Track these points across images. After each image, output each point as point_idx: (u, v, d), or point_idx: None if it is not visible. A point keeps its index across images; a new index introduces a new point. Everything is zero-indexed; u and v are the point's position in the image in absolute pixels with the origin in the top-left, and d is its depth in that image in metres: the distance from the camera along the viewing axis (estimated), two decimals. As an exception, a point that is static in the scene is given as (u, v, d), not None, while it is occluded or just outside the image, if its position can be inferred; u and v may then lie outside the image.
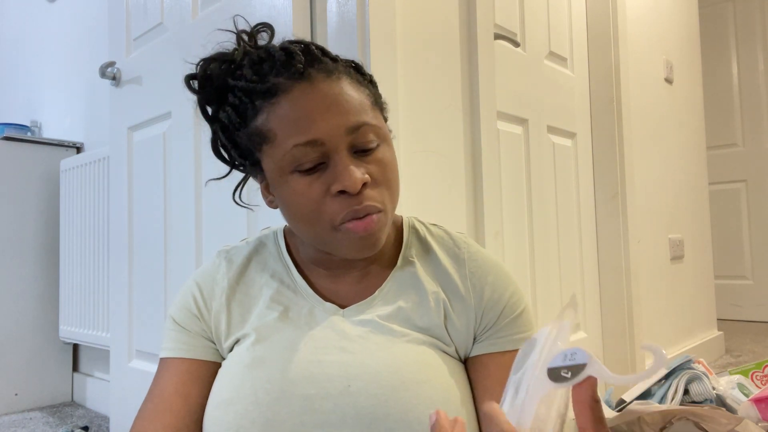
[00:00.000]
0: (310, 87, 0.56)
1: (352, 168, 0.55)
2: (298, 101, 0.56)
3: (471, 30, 1.33)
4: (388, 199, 0.59)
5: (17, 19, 2.73)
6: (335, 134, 0.55)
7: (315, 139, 0.55)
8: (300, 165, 0.56)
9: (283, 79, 0.57)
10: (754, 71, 3.22)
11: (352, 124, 0.56)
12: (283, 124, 0.56)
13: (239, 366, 0.59)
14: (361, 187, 0.55)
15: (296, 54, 0.58)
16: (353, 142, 0.56)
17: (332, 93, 0.56)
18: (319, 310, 0.63)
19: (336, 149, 0.55)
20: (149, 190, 1.53)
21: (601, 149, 1.92)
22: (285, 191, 0.58)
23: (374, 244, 0.58)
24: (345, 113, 0.56)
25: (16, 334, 2.00)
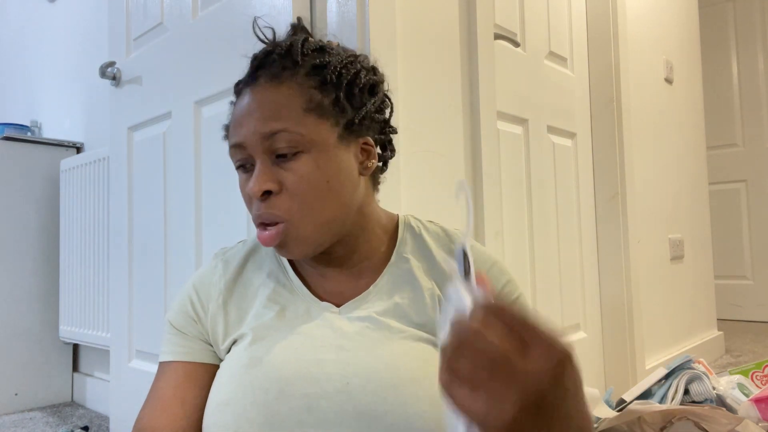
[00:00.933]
0: (251, 91, 0.60)
1: (256, 175, 0.58)
2: (239, 104, 0.61)
3: (471, 30, 1.33)
4: (300, 211, 0.58)
5: (17, 19, 2.73)
6: (253, 139, 0.58)
7: (238, 143, 0.60)
8: (235, 163, 0.62)
9: (244, 80, 0.63)
10: (754, 71, 3.22)
11: (267, 131, 0.58)
12: (230, 124, 0.62)
13: (237, 366, 0.60)
14: (267, 195, 0.58)
15: (257, 58, 0.62)
16: (270, 148, 0.58)
17: (260, 98, 0.59)
18: (316, 309, 0.63)
19: (255, 153, 0.59)
20: (149, 190, 1.53)
21: (601, 149, 1.92)
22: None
23: (285, 254, 0.62)
24: (262, 119, 0.58)
25: (16, 334, 2.00)
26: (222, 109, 1.30)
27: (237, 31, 1.25)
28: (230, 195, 1.27)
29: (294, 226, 0.59)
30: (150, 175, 1.53)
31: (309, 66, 0.60)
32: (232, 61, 1.26)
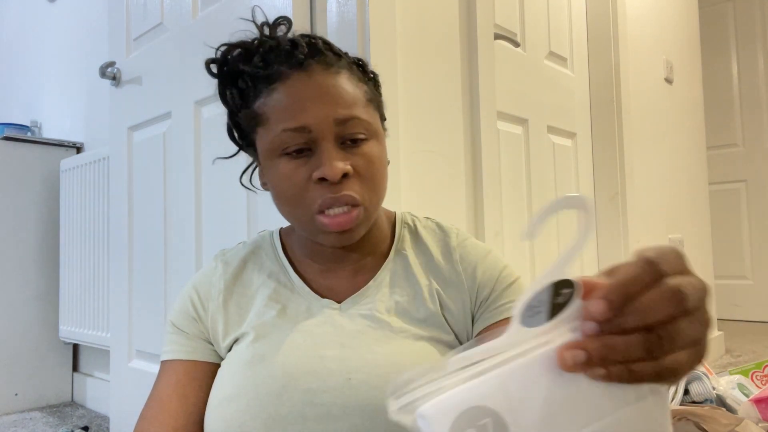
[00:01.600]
0: (306, 76, 0.59)
1: (334, 157, 0.57)
2: (293, 88, 0.58)
3: (471, 30, 1.33)
4: (369, 194, 0.60)
5: (17, 19, 2.73)
6: (323, 123, 0.57)
7: (303, 126, 0.57)
8: (287, 148, 0.58)
9: (284, 67, 0.60)
10: (754, 71, 3.22)
11: (341, 116, 0.57)
12: (276, 108, 0.59)
13: (239, 363, 0.60)
14: (342, 178, 0.57)
15: (300, 45, 0.60)
16: (341, 134, 0.58)
17: (326, 84, 0.59)
18: (317, 307, 0.64)
19: (322, 137, 0.57)
20: (149, 190, 1.53)
21: (601, 149, 1.92)
22: (273, 173, 0.60)
23: (350, 237, 0.60)
24: (335, 104, 0.58)
25: (16, 334, 2.00)
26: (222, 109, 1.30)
27: (237, 31, 1.25)
28: (230, 195, 1.27)
29: (366, 209, 0.59)
30: (150, 175, 1.53)
31: (349, 60, 0.64)
32: (232, 61, 1.26)
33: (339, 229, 0.57)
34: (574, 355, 0.30)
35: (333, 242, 0.60)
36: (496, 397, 0.30)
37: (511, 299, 0.64)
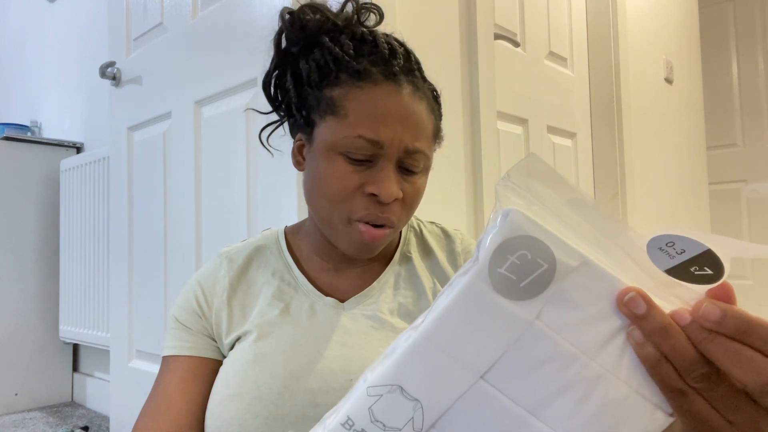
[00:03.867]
0: (396, 91, 0.58)
1: (393, 180, 0.57)
2: (382, 98, 0.58)
3: (471, 30, 1.33)
4: (405, 218, 0.62)
5: (17, 19, 2.73)
6: (396, 145, 0.57)
7: (379, 141, 0.57)
8: (353, 153, 0.57)
9: (376, 70, 0.59)
10: (754, 71, 3.22)
11: (413, 147, 0.58)
12: (359, 110, 0.57)
13: (242, 362, 0.60)
14: (392, 201, 0.58)
15: (398, 55, 0.61)
16: (403, 160, 0.59)
17: (411, 109, 0.59)
18: (320, 306, 0.64)
19: (388, 157, 0.58)
20: (149, 190, 1.53)
21: (601, 149, 1.92)
22: (324, 166, 0.59)
23: (372, 251, 0.61)
24: (412, 133, 0.58)
25: (16, 334, 2.00)
26: (222, 109, 1.30)
27: (237, 31, 1.25)
28: (230, 195, 1.27)
29: (395, 231, 0.61)
30: (150, 175, 1.53)
31: (430, 87, 0.65)
32: (232, 61, 1.26)
33: (371, 240, 0.58)
34: (637, 308, 0.29)
35: (354, 251, 0.60)
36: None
37: None
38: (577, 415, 0.30)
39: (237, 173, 1.24)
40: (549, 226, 0.30)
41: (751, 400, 0.29)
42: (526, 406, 0.31)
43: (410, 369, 0.31)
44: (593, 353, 0.30)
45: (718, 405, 0.29)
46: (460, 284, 0.31)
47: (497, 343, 0.30)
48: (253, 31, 1.20)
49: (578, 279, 0.30)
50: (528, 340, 0.30)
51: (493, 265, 0.30)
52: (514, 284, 0.30)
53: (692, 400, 0.29)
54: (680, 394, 0.29)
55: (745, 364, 0.27)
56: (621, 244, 0.31)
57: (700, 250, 0.30)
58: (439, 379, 0.31)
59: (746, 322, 0.28)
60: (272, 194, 1.17)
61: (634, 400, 0.30)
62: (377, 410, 0.31)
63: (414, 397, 0.31)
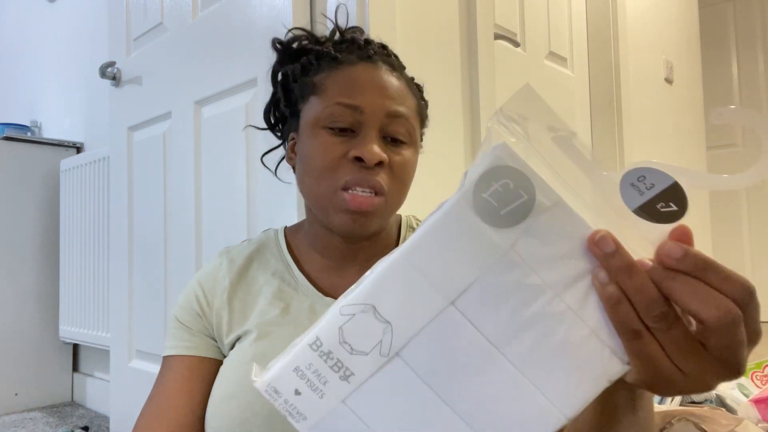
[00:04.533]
0: (371, 68, 0.62)
1: (375, 143, 0.58)
2: (357, 72, 0.62)
3: (471, 30, 1.33)
4: (395, 189, 0.61)
5: (17, 19, 2.73)
6: (375, 111, 0.59)
7: (357, 105, 0.59)
8: (334, 122, 0.59)
9: (353, 56, 0.63)
10: (754, 71, 3.22)
11: (393, 110, 0.60)
12: (336, 83, 0.61)
13: (242, 361, 0.60)
14: (376, 165, 0.58)
15: (372, 43, 0.66)
16: (386, 127, 0.60)
17: (389, 80, 0.62)
18: (320, 305, 0.64)
19: (369, 123, 0.59)
20: (149, 190, 1.53)
21: (601, 149, 1.92)
22: (310, 143, 0.61)
23: (364, 224, 0.59)
24: (391, 99, 0.60)
25: (16, 334, 2.00)
26: (222, 109, 1.30)
27: (237, 31, 1.25)
28: (230, 195, 1.27)
29: (386, 202, 0.60)
30: (150, 175, 1.53)
31: (410, 76, 0.68)
32: (232, 61, 1.26)
33: (357, 208, 0.57)
34: (606, 246, 0.30)
35: (346, 225, 0.59)
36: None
37: None
38: (537, 351, 0.31)
39: (237, 173, 1.24)
40: (533, 165, 0.32)
41: (703, 348, 0.30)
42: (492, 338, 0.32)
43: (386, 288, 0.32)
44: (560, 290, 0.32)
45: (671, 349, 0.31)
46: (444, 205, 0.33)
47: (471, 267, 0.32)
48: (253, 31, 1.20)
49: (552, 217, 0.32)
50: (501, 268, 0.31)
51: (477, 190, 0.31)
52: (494, 210, 0.31)
53: (647, 342, 0.31)
54: (637, 335, 0.31)
55: (703, 299, 0.29)
56: (597, 181, 0.33)
57: (667, 184, 0.32)
58: (412, 302, 0.32)
59: (704, 260, 0.29)
60: (272, 194, 1.17)
61: (593, 343, 0.31)
62: (347, 330, 0.32)
63: (385, 318, 0.32)
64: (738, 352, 0.30)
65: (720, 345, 0.29)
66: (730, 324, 0.29)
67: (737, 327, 0.29)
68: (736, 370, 0.30)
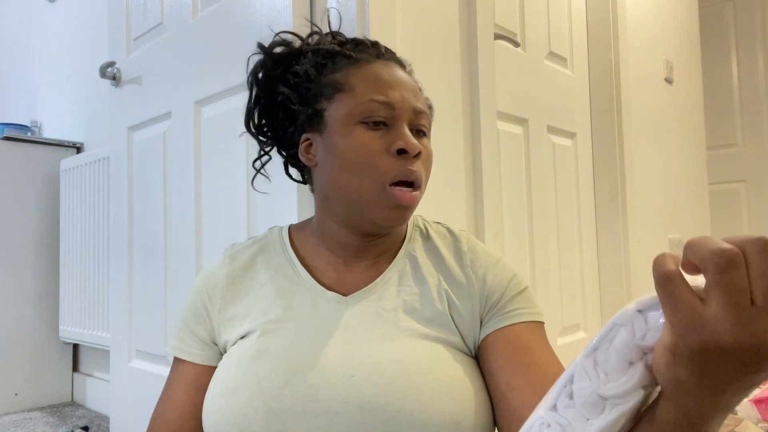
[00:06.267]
0: (389, 65, 0.65)
1: (410, 136, 0.61)
2: (380, 70, 0.64)
3: (471, 30, 1.33)
4: (425, 182, 0.64)
5: (17, 19, 2.73)
6: (405, 107, 0.62)
7: (390, 102, 0.61)
8: (370, 117, 0.61)
9: (366, 54, 0.66)
10: (754, 71, 3.22)
11: (418, 107, 0.63)
12: (365, 80, 0.63)
13: (244, 357, 0.60)
14: (415, 155, 0.61)
15: (380, 45, 0.69)
16: (413, 121, 0.63)
17: (406, 78, 0.65)
18: (323, 301, 0.64)
19: (401, 118, 0.62)
20: (149, 190, 1.53)
21: (601, 149, 1.92)
22: (345, 141, 0.62)
23: (405, 217, 0.63)
24: (414, 95, 0.64)
25: (16, 334, 2.00)
26: (222, 109, 1.30)
27: (237, 31, 1.25)
28: (230, 195, 1.27)
29: (419, 197, 0.63)
30: (150, 175, 1.53)
31: (409, 71, 0.70)
32: (232, 61, 1.26)
33: (407, 203, 0.60)
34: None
35: (390, 220, 0.62)
36: None
37: (520, 306, 0.64)
38: None
39: (237, 173, 1.24)
40: None
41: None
42: None
43: None
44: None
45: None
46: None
47: None
48: (253, 31, 1.20)
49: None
50: None
51: None
52: None
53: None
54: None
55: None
56: None
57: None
58: None
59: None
60: (272, 194, 1.17)
61: None
62: None
63: None
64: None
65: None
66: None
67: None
68: None
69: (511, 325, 0.62)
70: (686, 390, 0.33)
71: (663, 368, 0.33)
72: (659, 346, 0.34)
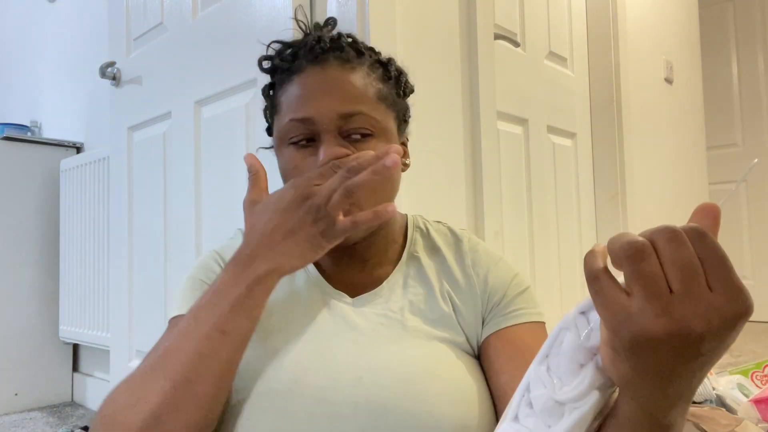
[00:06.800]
0: (320, 71, 0.61)
1: (333, 144, 0.59)
2: (305, 81, 0.62)
3: (471, 30, 1.33)
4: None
5: (17, 19, 2.73)
6: (327, 116, 0.59)
7: (307, 117, 0.60)
8: (292, 138, 0.61)
9: (304, 61, 0.63)
10: (754, 71, 3.22)
11: (345, 111, 0.59)
12: (287, 99, 0.62)
13: (252, 357, 0.59)
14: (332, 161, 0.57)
15: (323, 41, 0.63)
16: (344, 128, 0.60)
17: (336, 78, 0.61)
18: (330, 299, 0.64)
19: (325, 130, 0.59)
20: (149, 190, 1.53)
21: (601, 149, 1.92)
22: (281, 162, 0.64)
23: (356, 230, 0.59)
24: (341, 99, 0.60)
25: (16, 334, 2.00)
26: (222, 109, 1.30)
27: (237, 31, 1.25)
28: (230, 194, 1.27)
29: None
30: (150, 175, 1.53)
31: (372, 59, 0.66)
32: (232, 61, 1.26)
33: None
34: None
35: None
36: None
37: (521, 306, 0.63)
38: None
39: (237, 173, 1.24)
40: None
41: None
42: None
43: None
44: None
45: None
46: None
47: None
48: (253, 31, 1.20)
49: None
50: None
51: None
52: None
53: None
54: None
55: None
56: None
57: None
58: None
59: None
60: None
61: None
62: None
63: None
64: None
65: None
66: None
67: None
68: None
69: (512, 326, 0.62)
70: (635, 383, 0.33)
71: (609, 365, 0.34)
72: (602, 344, 0.34)
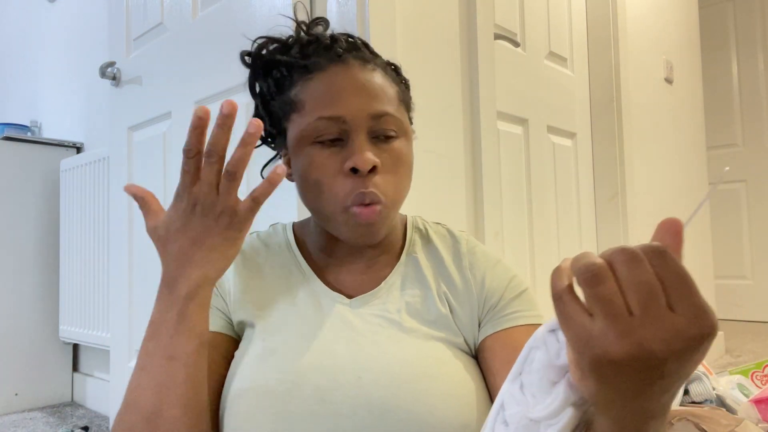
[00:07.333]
0: (344, 69, 0.61)
1: (366, 148, 0.58)
2: (331, 79, 0.60)
3: (471, 30, 1.33)
4: (393, 191, 0.60)
5: (17, 19, 2.73)
6: (358, 115, 0.58)
7: (339, 116, 0.58)
8: (320, 136, 0.59)
9: (322, 59, 0.62)
10: (754, 71, 3.22)
11: (376, 111, 0.59)
12: (313, 96, 0.60)
13: (251, 357, 0.60)
14: (370, 170, 0.57)
15: (339, 40, 0.63)
16: (373, 128, 0.59)
17: (363, 78, 0.60)
18: (327, 300, 0.64)
19: (356, 129, 0.58)
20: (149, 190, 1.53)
21: (601, 149, 1.92)
22: (302, 161, 0.61)
23: (373, 233, 0.60)
24: (371, 99, 0.59)
25: (16, 334, 2.00)
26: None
27: (237, 31, 1.25)
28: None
29: (387, 207, 0.59)
30: (150, 175, 1.53)
31: (384, 61, 0.66)
32: (232, 61, 1.26)
33: (367, 220, 0.57)
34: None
35: (356, 236, 0.60)
36: None
37: (518, 309, 0.63)
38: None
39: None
40: None
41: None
42: None
43: None
44: None
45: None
46: None
47: None
48: (253, 31, 1.20)
49: None
50: None
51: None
52: None
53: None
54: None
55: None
56: None
57: None
58: None
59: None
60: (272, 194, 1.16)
61: None
62: None
63: None
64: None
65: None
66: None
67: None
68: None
69: (509, 329, 0.62)
70: (605, 401, 0.33)
71: (578, 382, 0.33)
72: (569, 363, 0.34)
